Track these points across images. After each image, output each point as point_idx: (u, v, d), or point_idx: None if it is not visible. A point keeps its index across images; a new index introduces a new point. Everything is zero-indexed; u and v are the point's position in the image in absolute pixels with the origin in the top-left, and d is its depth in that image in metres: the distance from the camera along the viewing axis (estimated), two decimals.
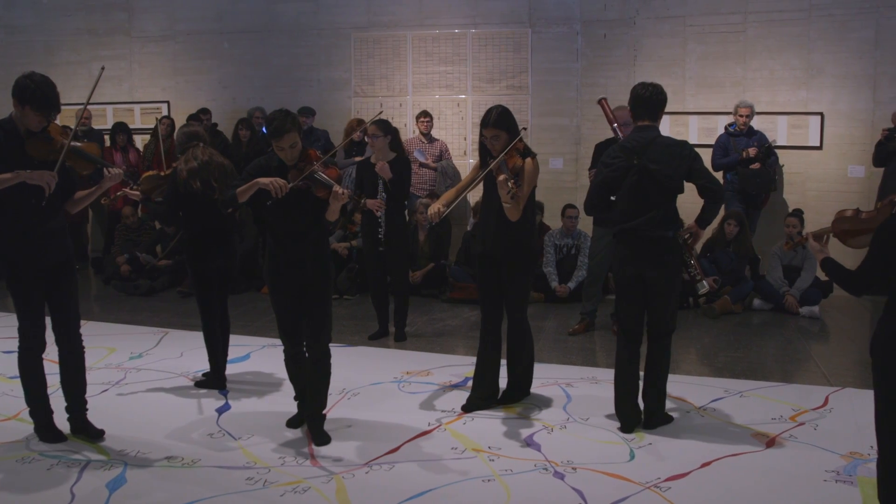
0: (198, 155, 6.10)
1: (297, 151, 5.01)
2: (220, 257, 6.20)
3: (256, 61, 12.11)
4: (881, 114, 9.88)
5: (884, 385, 3.80)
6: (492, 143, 5.50)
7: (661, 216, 5.28)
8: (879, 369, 3.80)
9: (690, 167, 5.26)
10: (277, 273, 5.16)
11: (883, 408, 3.83)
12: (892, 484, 3.87)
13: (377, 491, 4.53)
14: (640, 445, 5.20)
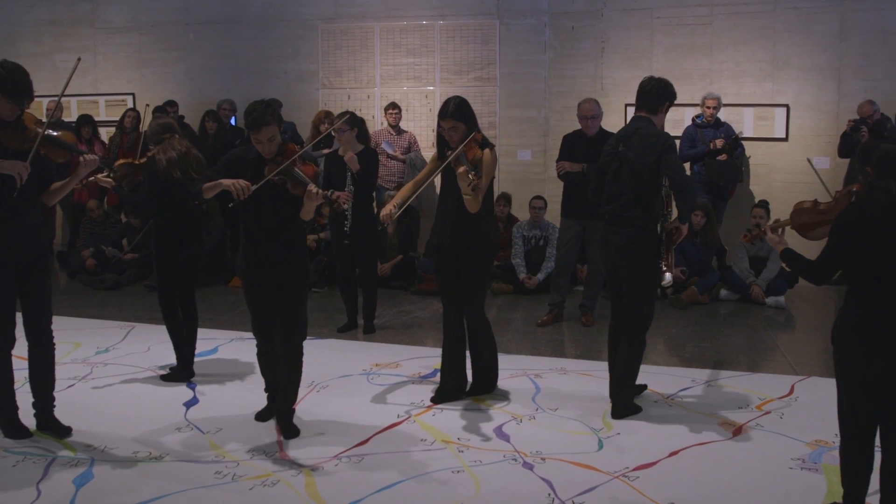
0: (175, 145, 6.06)
1: (275, 145, 4.92)
2: (190, 247, 6.19)
3: (223, 53, 12.02)
4: (846, 105, 9.99)
5: (844, 372, 3.87)
6: (449, 135, 5.49)
7: (632, 200, 5.41)
8: (840, 357, 3.88)
9: (660, 157, 5.32)
10: (251, 271, 5.09)
11: (844, 394, 3.89)
12: (854, 469, 3.93)
13: (347, 483, 4.52)
14: (608, 435, 5.22)
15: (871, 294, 3.77)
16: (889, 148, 3.83)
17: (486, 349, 5.91)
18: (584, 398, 5.90)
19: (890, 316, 3.72)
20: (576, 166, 7.90)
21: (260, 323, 5.19)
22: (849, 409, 3.89)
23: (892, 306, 3.72)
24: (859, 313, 3.80)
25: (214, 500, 4.33)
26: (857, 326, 3.81)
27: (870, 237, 3.75)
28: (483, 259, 5.67)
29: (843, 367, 3.88)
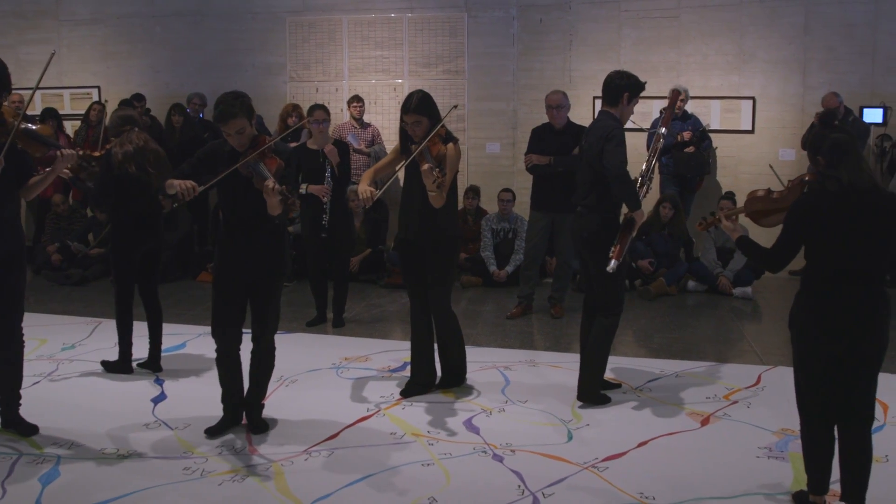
0: (133, 139, 5.98)
1: (246, 138, 4.81)
2: (148, 242, 6.15)
3: (189, 46, 11.91)
4: (811, 98, 10.08)
5: (804, 357, 3.95)
6: (413, 129, 5.47)
7: (587, 190, 5.56)
8: (799, 342, 3.97)
9: (603, 147, 5.42)
10: (225, 263, 4.98)
11: (803, 380, 3.96)
12: (817, 455, 4.00)
13: (317, 477, 4.51)
14: (577, 427, 5.24)
15: (826, 279, 3.88)
16: (838, 138, 3.91)
17: (452, 344, 5.89)
18: (554, 390, 5.92)
19: (846, 299, 3.84)
20: (543, 159, 7.93)
21: (222, 318, 4.98)
22: (809, 394, 3.97)
23: (846, 290, 3.84)
24: (816, 298, 3.91)
25: (183, 496, 4.30)
26: (815, 311, 3.91)
27: (824, 225, 3.85)
28: (448, 253, 5.67)
29: (802, 352, 3.97)
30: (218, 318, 5.01)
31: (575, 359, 6.04)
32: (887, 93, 10.03)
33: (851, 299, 3.85)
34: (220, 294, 4.98)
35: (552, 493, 4.32)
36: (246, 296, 5.00)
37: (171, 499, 4.27)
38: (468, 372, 6.10)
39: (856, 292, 3.85)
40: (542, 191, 8.06)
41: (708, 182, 10.29)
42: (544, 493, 4.31)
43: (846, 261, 3.84)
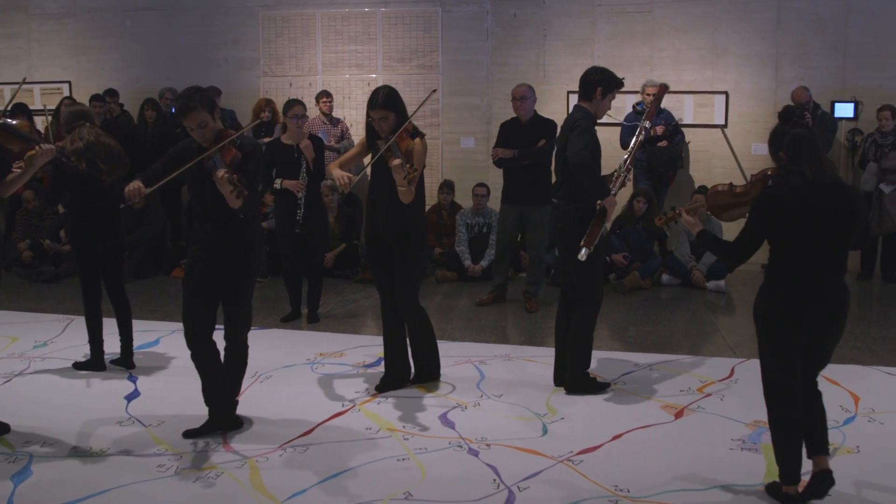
0: (84, 135, 5.87)
1: (209, 132, 4.72)
2: (106, 238, 6.08)
3: (161, 40, 11.82)
4: (783, 93, 10.14)
5: (774, 349, 4.02)
6: (380, 125, 5.44)
7: (559, 182, 5.66)
8: (768, 334, 4.03)
9: (568, 137, 5.53)
10: (193, 261, 4.90)
11: (773, 372, 4.01)
12: (789, 445, 4.04)
13: (292, 473, 4.50)
14: (552, 420, 5.26)
15: (791, 272, 3.96)
16: (799, 133, 3.99)
17: (424, 341, 5.87)
18: (529, 384, 5.94)
19: (812, 291, 3.93)
20: (507, 152, 8.02)
21: (192, 315, 4.88)
22: (781, 386, 4.01)
23: (811, 282, 3.93)
24: (784, 291, 3.97)
25: (157, 493, 4.28)
26: (783, 303, 3.97)
27: (789, 218, 3.92)
28: (416, 248, 5.63)
29: (772, 345, 4.02)
30: (188, 323, 4.89)
31: (550, 353, 6.06)
32: (858, 87, 10.12)
33: (817, 291, 3.95)
34: (189, 294, 4.88)
35: (527, 487, 4.33)
36: (217, 295, 4.91)
37: (145, 496, 4.25)
38: (443, 367, 6.10)
39: (820, 284, 3.95)
40: (509, 184, 8.15)
41: (681, 176, 10.35)
42: (519, 487, 4.33)
43: (810, 253, 3.92)
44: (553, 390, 5.80)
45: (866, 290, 9.50)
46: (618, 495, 4.24)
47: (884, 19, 10.08)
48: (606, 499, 4.21)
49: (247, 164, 4.77)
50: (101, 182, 5.84)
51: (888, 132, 9.52)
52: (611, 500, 4.20)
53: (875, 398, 5.65)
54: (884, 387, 5.92)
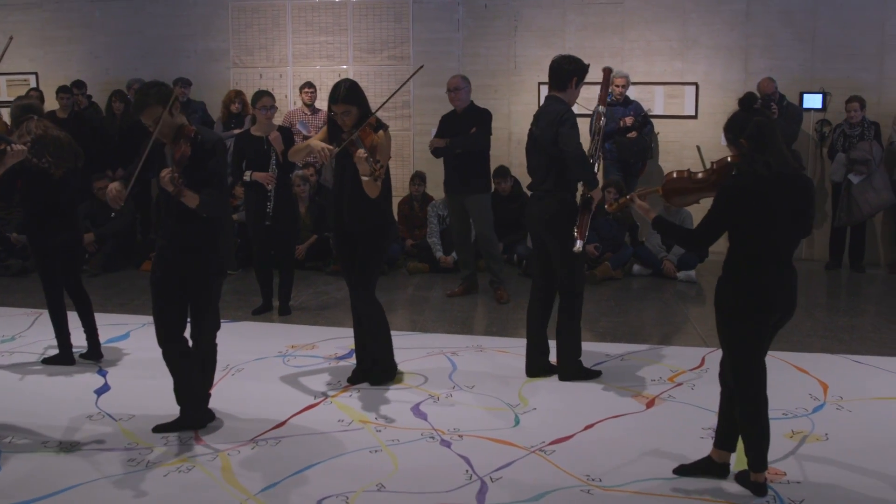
0: (31, 129, 5.76)
1: (167, 128, 4.61)
2: (62, 233, 5.99)
3: (130, 31, 11.69)
4: (752, 84, 10.18)
5: (740, 339, 4.06)
6: (342, 119, 5.39)
7: (543, 174, 5.68)
8: (735, 325, 4.05)
9: (557, 131, 5.53)
10: (158, 256, 4.83)
11: (743, 360, 4.05)
12: (757, 432, 4.09)
13: (264, 466, 4.48)
14: (524, 411, 5.27)
15: (755, 261, 3.99)
16: (762, 121, 4.00)
17: (376, 337, 5.72)
18: (501, 375, 5.95)
19: (775, 278, 4.00)
20: (440, 142, 8.15)
21: (158, 314, 4.80)
22: (753, 375, 4.06)
23: (774, 270, 4.00)
24: (751, 282, 4.00)
25: (128, 488, 4.25)
26: (752, 295, 4.01)
27: (757, 207, 3.94)
28: (379, 242, 5.58)
29: (742, 335, 4.05)
30: (156, 322, 4.83)
31: (522, 343, 6.07)
32: (826, 78, 10.20)
33: (781, 279, 4.02)
34: (156, 293, 4.81)
35: (500, 477, 4.34)
36: (183, 293, 4.80)
37: (115, 491, 4.22)
38: (415, 358, 6.09)
39: (783, 272, 4.03)
40: (448, 174, 8.28)
41: (651, 167, 10.38)
42: (492, 478, 4.33)
43: (773, 243, 3.98)
44: (525, 381, 5.81)
45: (834, 280, 9.60)
46: (590, 485, 4.26)
47: (852, 11, 10.17)
48: (578, 488, 4.23)
49: (206, 162, 4.64)
50: (52, 176, 5.74)
51: (856, 123, 9.61)
52: (583, 490, 4.22)
53: (843, 386, 5.71)
54: (852, 375, 5.99)
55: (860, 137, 9.56)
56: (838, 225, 9.84)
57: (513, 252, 9.97)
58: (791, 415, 5.19)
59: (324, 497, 4.13)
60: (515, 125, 10.97)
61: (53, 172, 5.75)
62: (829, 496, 4.15)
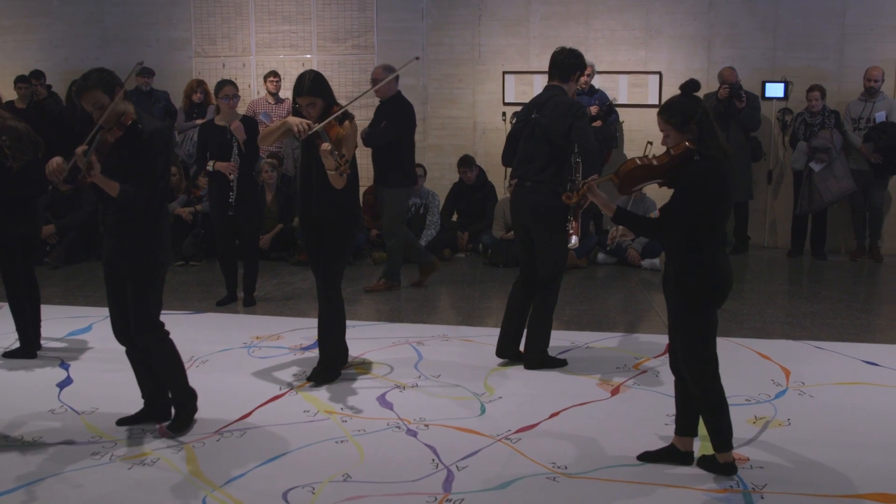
0: None
1: (108, 114, 4.43)
2: (20, 225, 5.91)
3: (90, 19, 11.53)
4: (715, 73, 10.26)
5: (705, 323, 4.10)
6: (307, 111, 5.34)
7: (544, 164, 5.68)
8: (700, 312, 4.09)
9: (572, 125, 5.60)
10: (103, 250, 4.73)
11: (707, 345, 4.11)
12: (723, 411, 4.16)
13: (229, 458, 4.46)
14: (490, 400, 5.29)
15: (716, 248, 4.07)
16: (707, 107, 4.13)
17: (330, 330, 5.65)
18: (466, 364, 5.96)
19: (728, 261, 4.12)
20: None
21: (111, 314, 4.74)
22: (712, 359, 4.12)
23: (724, 253, 4.12)
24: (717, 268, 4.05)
25: (92, 481, 4.21)
26: (720, 280, 4.07)
27: (723, 193, 4.02)
28: (345, 233, 5.55)
29: (706, 321, 4.10)
30: (110, 316, 4.78)
31: (487, 332, 6.09)
32: (788, 68, 10.29)
33: (728, 261, 4.16)
34: (106, 289, 4.75)
35: (466, 466, 4.35)
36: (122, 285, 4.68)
37: (79, 484, 4.18)
38: (380, 348, 6.09)
39: (727, 255, 4.17)
40: (373, 165, 8.29)
41: (616, 156, 10.41)
42: (458, 466, 4.34)
43: (723, 228, 4.11)
44: (491, 370, 5.82)
45: (796, 267, 9.71)
46: (556, 472, 4.28)
47: (813, 1, 10.27)
48: (544, 476, 4.25)
49: (139, 152, 4.47)
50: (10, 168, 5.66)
51: (817, 112, 9.71)
52: (548, 478, 4.23)
53: (805, 372, 5.78)
54: (814, 360, 6.06)
55: (821, 126, 9.66)
56: (800, 213, 9.95)
57: (478, 241, 9.99)
58: (754, 400, 5.24)
59: (290, 488, 4.11)
60: (480, 114, 10.97)
61: (12, 164, 5.66)
62: (791, 480, 4.20)
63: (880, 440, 4.68)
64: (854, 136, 9.66)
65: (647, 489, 4.13)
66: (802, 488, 4.11)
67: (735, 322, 7.05)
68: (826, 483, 4.17)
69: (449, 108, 11.06)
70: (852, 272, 9.40)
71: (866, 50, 10.18)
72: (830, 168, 9.53)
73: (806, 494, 4.05)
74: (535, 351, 5.85)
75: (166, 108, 10.40)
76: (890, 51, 10.15)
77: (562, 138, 5.62)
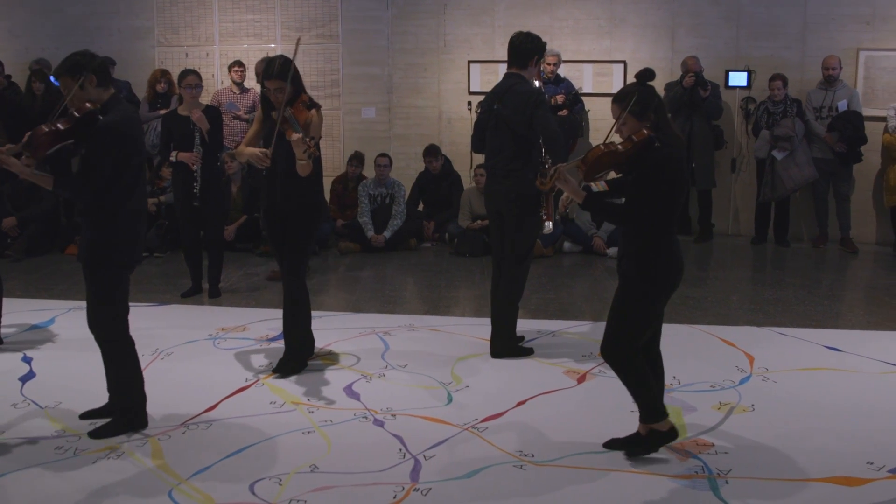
0: None
1: (77, 100, 4.39)
2: None
3: (49, 8, 11.36)
4: (679, 62, 10.32)
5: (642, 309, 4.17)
6: (275, 96, 5.31)
7: (513, 154, 5.69)
8: (649, 296, 4.16)
9: (532, 114, 5.61)
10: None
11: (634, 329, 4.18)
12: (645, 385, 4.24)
13: (195, 450, 4.43)
14: (457, 389, 5.29)
15: (671, 235, 4.12)
16: (659, 96, 4.19)
17: (296, 321, 5.64)
18: (433, 353, 5.96)
19: (678, 247, 4.16)
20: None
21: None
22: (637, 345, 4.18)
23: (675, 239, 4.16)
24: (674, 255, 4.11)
25: (56, 476, 4.16)
26: (675, 267, 4.13)
27: (682, 179, 4.10)
28: (310, 221, 5.53)
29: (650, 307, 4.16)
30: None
31: (454, 322, 6.10)
32: (751, 57, 10.37)
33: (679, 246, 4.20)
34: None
35: (433, 455, 4.35)
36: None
37: (44, 479, 4.13)
38: (347, 339, 6.07)
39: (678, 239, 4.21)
40: None
41: (581, 145, 10.44)
42: (425, 456, 4.34)
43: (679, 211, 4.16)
44: (457, 359, 5.83)
45: (760, 254, 9.80)
46: (523, 460, 4.30)
47: None
48: (511, 464, 4.26)
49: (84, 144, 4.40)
50: None
51: (779, 101, 9.80)
52: (515, 466, 4.25)
53: (769, 358, 5.84)
54: (777, 346, 6.12)
55: (783, 114, 9.75)
56: (763, 200, 10.04)
57: (444, 231, 9.99)
58: (718, 387, 5.29)
59: (257, 480, 4.10)
60: (445, 104, 10.96)
61: None
62: (756, 465, 4.24)
63: (842, 425, 4.74)
64: (816, 125, 9.76)
65: (613, 476, 4.15)
66: (766, 473, 4.16)
67: (699, 309, 7.11)
68: (790, 467, 4.22)
69: (414, 97, 11.04)
70: (815, 259, 9.50)
71: (827, 39, 10.28)
72: (792, 156, 9.62)
73: (770, 479, 4.10)
74: (501, 337, 5.86)
75: (128, 99, 10.27)
76: (850, 40, 10.26)
77: (524, 128, 5.66)
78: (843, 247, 9.87)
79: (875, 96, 10.21)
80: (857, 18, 10.25)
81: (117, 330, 4.59)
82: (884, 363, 5.76)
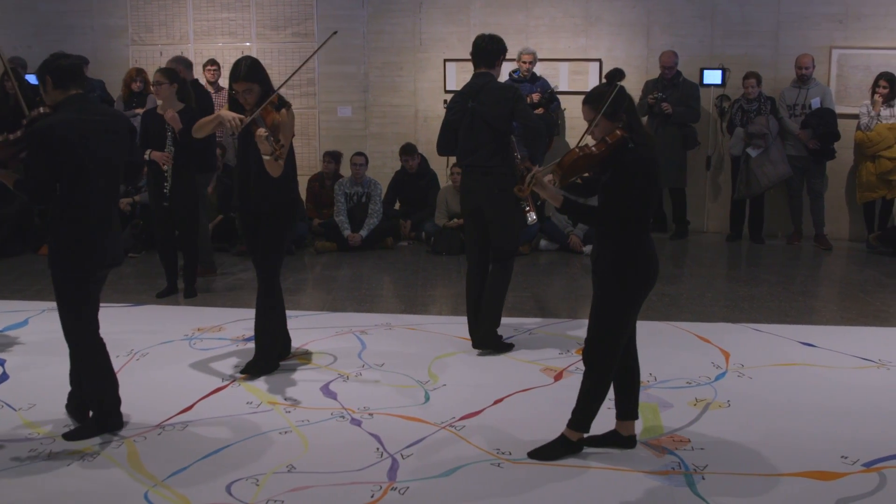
0: None
1: (49, 99, 4.40)
2: None
3: (21, 6, 11.24)
4: (654, 60, 10.36)
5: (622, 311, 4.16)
6: (244, 97, 5.26)
7: (492, 151, 5.77)
8: (627, 299, 4.15)
9: (513, 108, 5.73)
10: None
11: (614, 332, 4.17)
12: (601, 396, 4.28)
13: (171, 452, 4.40)
14: (434, 387, 5.29)
15: (645, 231, 4.14)
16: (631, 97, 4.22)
17: (266, 322, 5.57)
18: (410, 352, 5.96)
19: (653, 247, 4.18)
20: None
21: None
22: (618, 349, 4.16)
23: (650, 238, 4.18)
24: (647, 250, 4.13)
25: (29, 480, 4.13)
26: (652, 268, 4.15)
27: (656, 180, 4.13)
28: (284, 222, 5.49)
29: (629, 309, 4.15)
30: None
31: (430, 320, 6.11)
32: (726, 55, 10.43)
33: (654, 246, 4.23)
34: None
35: (411, 454, 4.35)
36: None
37: (17, 483, 4.09)
38: (324, 338, 6.05)
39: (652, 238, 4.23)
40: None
41: (557, 143, 10.46)
42: (403, 455, 4.34)
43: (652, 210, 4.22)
44: (434, 357, 5.83)
45: (735, 251, 9.86)
46: (500, 458, 4.30)
47: None
48: (489, 462, 4.27)
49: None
50: None
51: (753, 98, 9.85)
52: (493, 464, 4.25)
53: (744, 354, 5.88)
54: (752, 343, 6.16)
55: (757, 112, 9.81)
56: (738, 197, 10.10)
57: (420, 229, 9.98)
58: (694, 383, 5.32)
59: (234, 480, 4.08)
60: (421, 102, 10.95)
61: None
62: (731, 461, 4.27)
63: (816, 419, 4.78)
64: (790, 123, 9.83)
65: (590, 473, 4.17)
66: (742, 468, 4.19)
67: (675, 306, 7.14)
68: (765, 463, 4.25)
69: (390, 96, 11.03)
70: (789, 256, 9.57)
71: (800, 37, 10.34)
72: (767, 153, 9.68)
73: (746, 474, 4.13)
74: (486, 327, 5.89)
75: (101, 97, 10.20)
76: (823, 38, 10.33)
77: (504, 122, 5.73)
78: (818, 243, 9.94)
79: (848, 94, 10.28)
80: (829, 17, 10.32)
81: (83, 333, 4.54)
82: (857, 358, 5.81)
